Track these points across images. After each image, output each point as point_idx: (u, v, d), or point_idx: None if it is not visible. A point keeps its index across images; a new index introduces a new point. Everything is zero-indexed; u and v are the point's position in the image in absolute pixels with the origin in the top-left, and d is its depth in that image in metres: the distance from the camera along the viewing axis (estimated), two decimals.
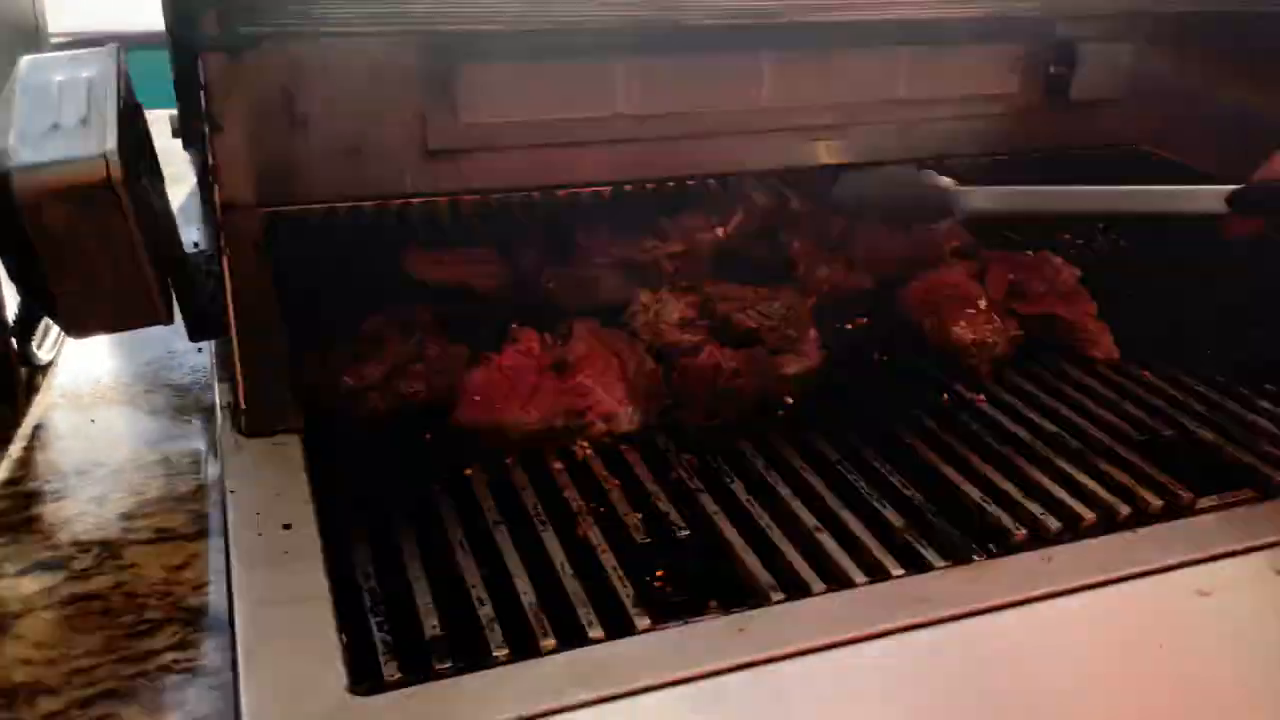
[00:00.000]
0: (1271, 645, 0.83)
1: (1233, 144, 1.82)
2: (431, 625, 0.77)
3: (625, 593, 0.81)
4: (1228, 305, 1.34)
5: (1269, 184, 0.99)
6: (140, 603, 0.86)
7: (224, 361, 1.08)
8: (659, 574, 0.87)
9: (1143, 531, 0.91)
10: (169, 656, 0.82)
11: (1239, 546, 0.89)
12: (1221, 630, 0.82)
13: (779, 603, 0.82)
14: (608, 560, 0.85)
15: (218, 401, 1.02)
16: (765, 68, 1.67)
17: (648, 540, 0.88)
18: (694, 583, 0.87)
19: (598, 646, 0.76)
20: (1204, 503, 0.96)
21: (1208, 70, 1.86)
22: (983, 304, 1.16)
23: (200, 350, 1.24)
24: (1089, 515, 0.92)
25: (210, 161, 1.11)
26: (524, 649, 0.76)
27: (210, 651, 0.82)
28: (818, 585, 0.83)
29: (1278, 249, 1.51)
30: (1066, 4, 1.40)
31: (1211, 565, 0.87)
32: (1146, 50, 1.87)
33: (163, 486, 1.01)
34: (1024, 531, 0.90)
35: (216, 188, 1.08)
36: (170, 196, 1.22)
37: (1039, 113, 1.88)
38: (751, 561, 0.86)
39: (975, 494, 0.95)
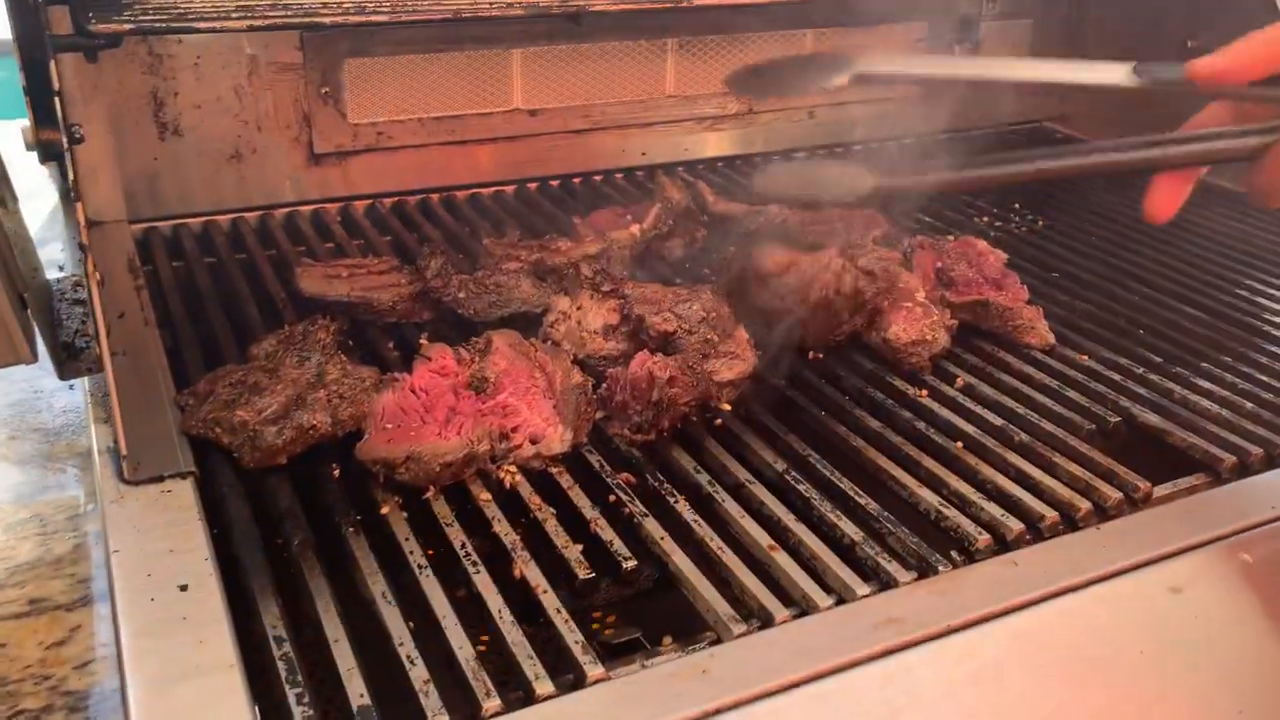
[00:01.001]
0: (1251, 640, 0.79)
1: (1134, 118, 1.83)
2: (358, 694, 0.68)
3: (573, 638, 0.73)
4: (1153, 283, 1.33)
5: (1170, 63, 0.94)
6: (12, 689, 0.75)
7: (100, 400, 0.96)
8: (608, 614, 0.79)
9: (1106, 528, 0.87)
10: None
11: (1204, 537, 0.85)
12: (1199, 629, 0.79)
13: (741, 636, 0.75)
14: (549, 601, 0.77)
15: (95, 446, 0.91)
16: (669, 57, 1.60)
17: (591, 575, 0.80)
18: (644, 618, 0.80)
19: (547, 704, 0.68)
20: (1160, 491, 0.93)
21: (1104, 43, 1.87)
22: (920, 298, 1.12)
23: (72, 387, 1.12)
24: (1050, 515, 0.88)
25: (71, 176, 0.99)
26: (464, 714, 0.68)
27: None
28: (781, 612, 0.77)
29: (1193, 227, 1.52)
30: None
31: (1179, 560, 0.83)
32: (1047, 24, 1.86)
33: (35, 548, 0.89)
34: (986, 537, 0.85)
35: (79, 204, 0.97)
36: (28, 216, 1.10)
37: (943, 93, 1.85)
38: (707, 591, 0.79)
39: (932, 499, 0.90)
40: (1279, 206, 0.90)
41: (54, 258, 1.34)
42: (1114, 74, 0.97)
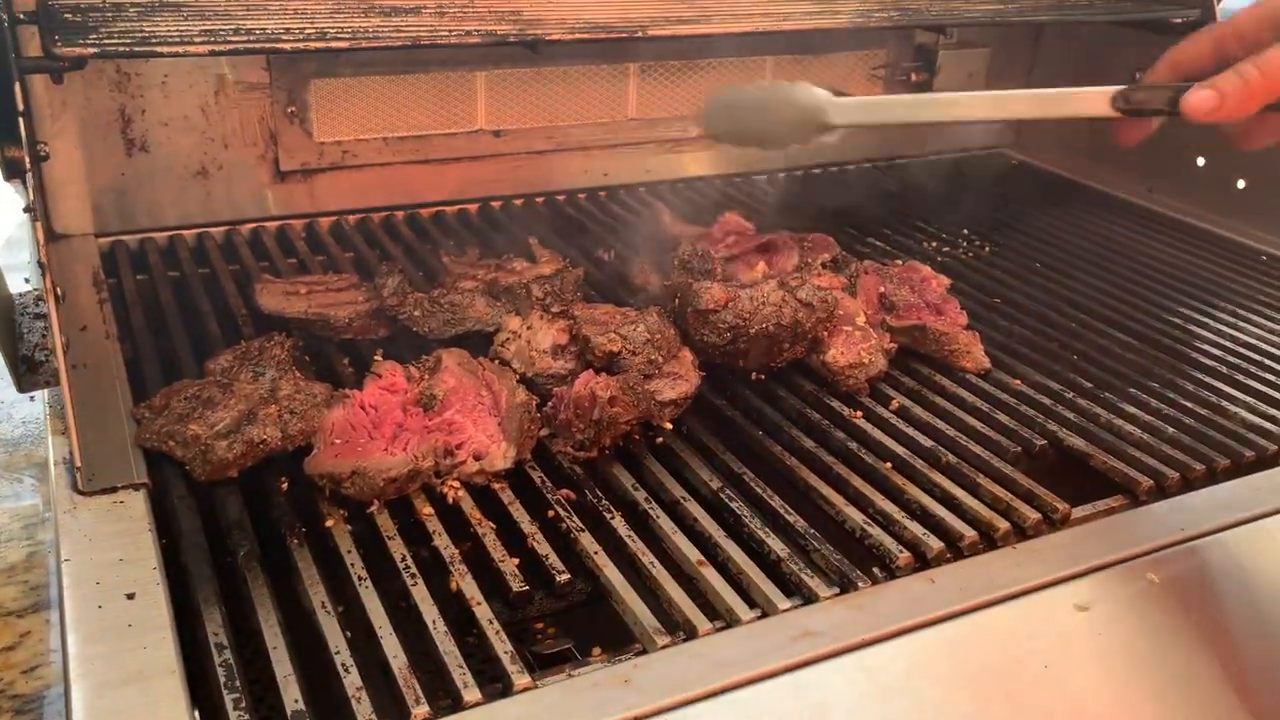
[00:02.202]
0: (1150, 657, 0.83)
1: (1089, 145, 1.89)
2: (293, 699, 0.72)
3: (503, 648, 0.77)
4: (1089, 309, 1.37)
5: (1154, 85, 0.99)
6: None
7: (57, 412, 0.99)
8: (538, 623, 0.83)
9: (1022, 548, 0.91)
10: None
11: (1114, 557, 0.89)
12: (1101, 646, 0.83)
13: (665, 647, 0.78)
14: (483, 613, 0.80)
15: (51, 457, 0.94)
16: (631, 80, 1.64)
17: (525, 587, 0.84)
18: (576, 629, 0.83)
19: (473, 711, 0.71)
20: (1079, 512, 0.97)
21: (1054, 74, 1.92)
22: (860, 322, 1.16)
23: (32, 399, 1.14)
24: (970, 534, 0.92)
25: (37, 193, 1.02)
26: (395, 719, 0.71)
27: None
28: (704, 625, 0.80)
29: (1134, 254, 1.57)
30: (923, 17, 1.40)
31: (1089, 579, 0.87)
32: (1002, 54, 1.91)
33: None
34: (907, 555, 0.89)
35: (43, 221, 1.00)
36: None
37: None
38: (635, 603, 0.82)
39: (858, 517, 0.94)
40: (1248, 148, 0.97)
41: (20, 266, 1.37)
42: (1096, 105, 1.01)
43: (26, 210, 1.02)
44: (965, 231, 1.62)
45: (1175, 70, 1.00)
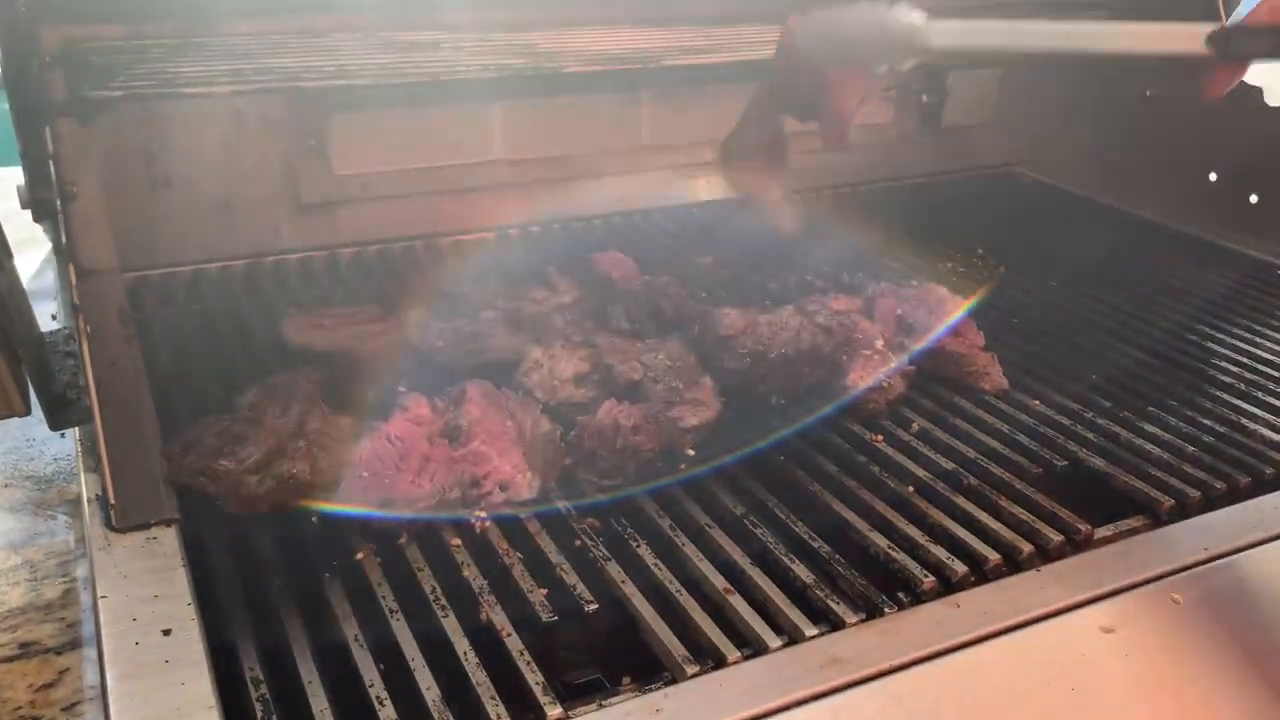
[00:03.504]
0: (1175, 677, 0.84)
1: (1103, 163, 1.90)
2: None
3: (534, 679, 0.77)
4: (1107, 328, 1.38)
5: (1254, 25, 0.97)
6: None
7: (89, 449, 1.01)
8: (568, 654, 0.84)
9: (1046, 570, 0.92)
10: None
11: (1138, 578, 0.90)
12: (1127, 668, 0.83)
13: (694, 676, 0.79)
14: (513, 644, 0.81)
15: (84, 494, 0.95)
16: (644, 108, 1.66)
17: (554, 618, 0.85)
18: (606, 659, 0.84)
19: None
20: (1101, 533, 0.98)
21: (1073, 92, 1.93)
22: (879, 345, 1.17)
23: (63, 436, 1.16)
24: (993, 557, 0.92)
25: (64, 231, 1.04)
26: None
27: None
28: (732, 654, 0.81)
29: (1150, 271, 1.57)
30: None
31: (1113, 600, 0.88)
32: (1013, 74, 1.92)
33: (26, 593, 0.93)
34: (932, 579, 0.89)
35: (72, 260, 1.02)
36: (23, 268, 1.14)
37: (913, 140, 1.92)
38: (663, 632, 0.83)
39: (882, 542, 0.94)
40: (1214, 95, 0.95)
41: (48, 306, 1.39)
42: (1190, 42, 0.97)
43: (57, 251, 1.04)
44: (980, 252, 1.63)
45: (1277, 13, 0.97)
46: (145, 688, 0.74)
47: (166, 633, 0.79)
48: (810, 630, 0.84)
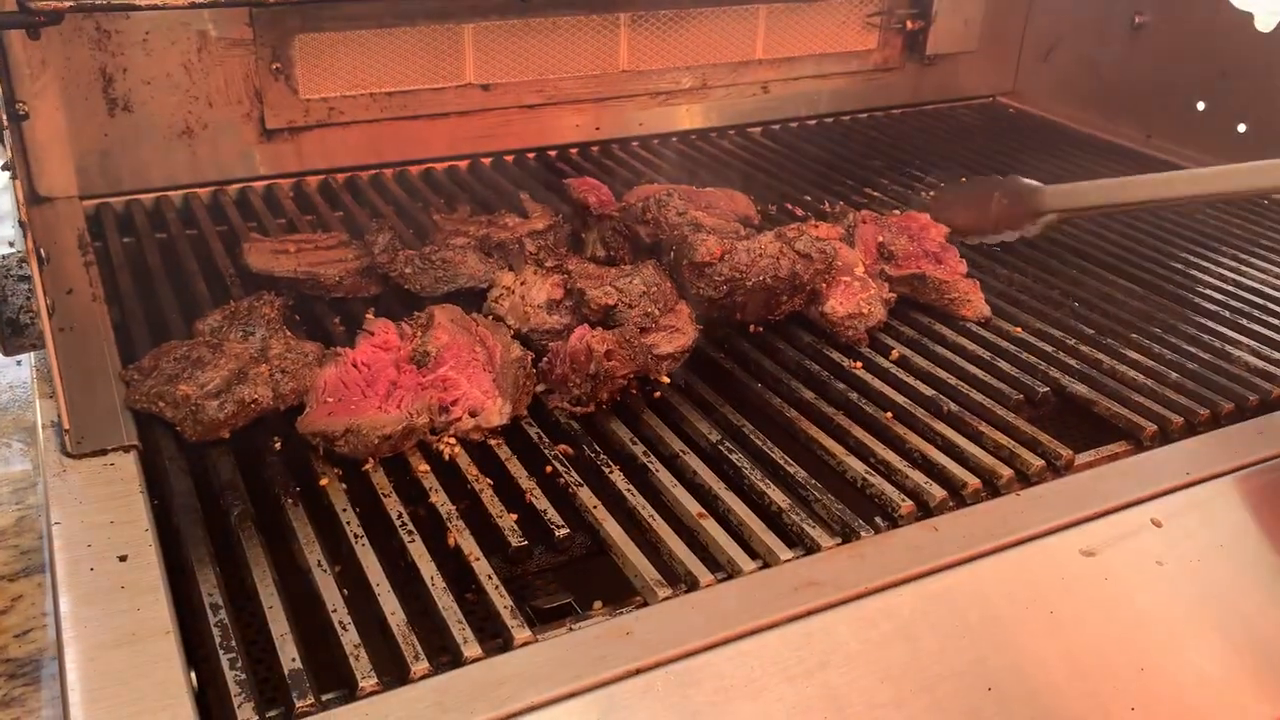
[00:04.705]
0: (1153, 600, 0.83)
1: (1087, 92, 1.87)
2: (290, 658, 0.70)
3: (503, 603, 0.76)
4: (1091, 256, 1.35)
5: None
6: None
7: (45, 375, 0.97)
8: (538, 579, 0.82)
9: (1026, 494, 0.90)
10: None
11: (1118, 502, 0.89)
12: (1106, 591, 0.82)
13: (667, 599, 0.77)
14: (482, 568, 0.79)
15: (39, 420, 0.92)
16: (622, 31, 1.61)
17: (524, 543, 0.83)
18: (577, 584, 0.82)
19: (474, 666, 0.70)
20: (1083, 459, 0.96)
21: (1061, 20, 1.89)
22: (859, 272, 1.14)
23: (19, 363, 1.13)
24: (973, 481, 0.90)
25: (16, 151, 1.00)
26: (394, 676, 0.70)
27: (44, 706, 0.74)
28: (705, 577, 0.79)
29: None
30: None
31: (1093, 524, 0.87)
32: (999, 1, 1.88)
33: None
34: (909, 504, 0.88)
35: (24, 180, 0.97)
36: None
37: (897, 69, 1.88)
38: (635, 556, 0.81)
39: (859, 467, 0.93)
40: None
41: (5, 233, 1.35)
42: None
43: (5, 168, 1.00)
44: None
45: None
46: (99, 613, 0.72)
47: (123, 559, 0.77)
48: (785, 554, 0.82)
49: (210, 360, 0.96)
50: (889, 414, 1.00)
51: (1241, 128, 1.65)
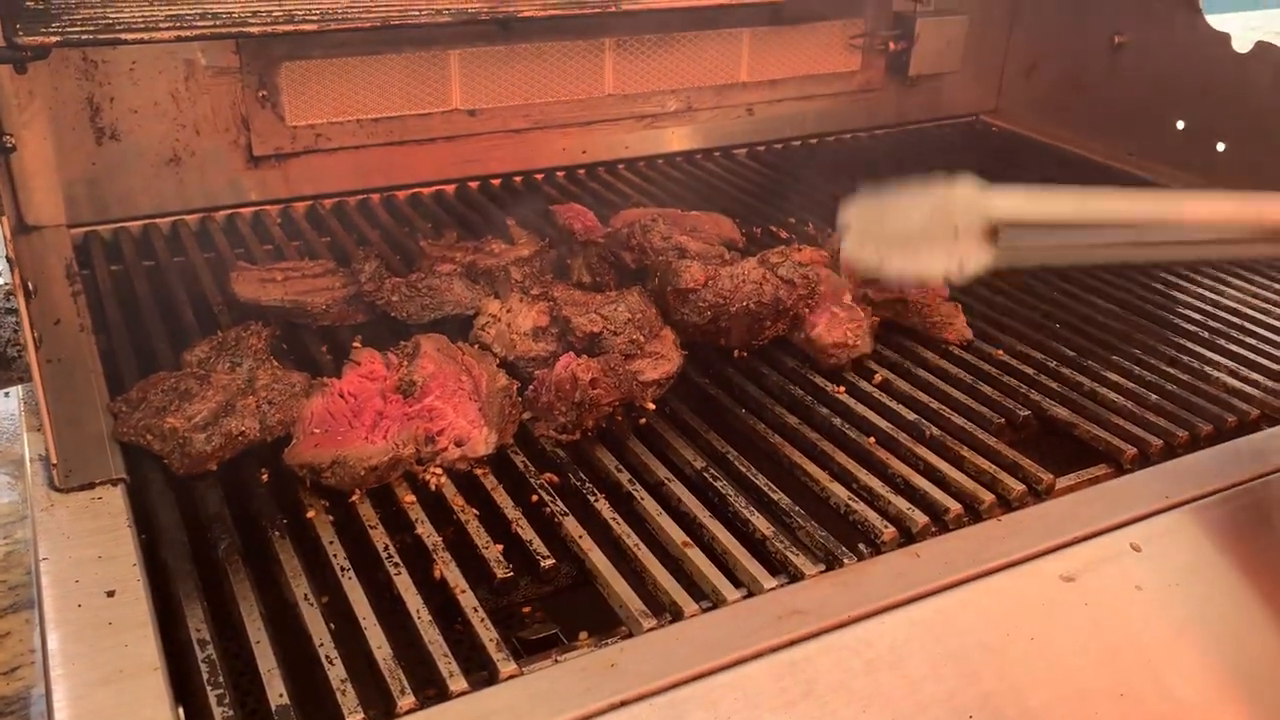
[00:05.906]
0: (1133, 625, 0.84)
1: (1069, 111, 1.88)
2: (278, 694, 0.71)
3: (488, 636, 0.76)
4: (1071, 277, 1.37)
5: None
6: None
7: (32, 408, 0.98)
8: (524, 609, 0.82)
9: (1007, 519, 0.91)
10: None
11: (1097, 527, 0.89)
12: (1086, 616, 0.83)
13: (652, 630, 0.78)
14: (467, 600, 0.80)
15: (27, 454, 0.93)
16: (607, 55, 1.62)
17: (510, 574, 0.83)
18: (563, 614, 0.83)
19: (459, 700, 0.71)
20: (1063, 482, 0.97)
21: (1043, 39, 1.91)
22: (847, 300, 1.15)
23: (6, 395, 1.13)
24: (955, 507, 0.91)
25: (5, 187, 1.01)
26: (380, 711, 0.71)
27: None
28: (690, 607, 0.80)
29: None
30: None
31: (1073, 549, 0.87)
32: (981, 21, 1.90)
33: None
34: (892, 530, 0.88)
35: (10, 214, 0.98)
36: None
37: (880, 89, 1.89)
38: (620, 587, 0.82)
39: (842, 493, 0.93)
40: None
41: None
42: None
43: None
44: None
45: None
46: (87, 650, 0.73)
47: (110, 594, 0.77)
48: (769, 582, 0.83)
49: (198, 392, 0.97)
50: (871, 439, 1.01)
51: (1220, 146, 1.67)
